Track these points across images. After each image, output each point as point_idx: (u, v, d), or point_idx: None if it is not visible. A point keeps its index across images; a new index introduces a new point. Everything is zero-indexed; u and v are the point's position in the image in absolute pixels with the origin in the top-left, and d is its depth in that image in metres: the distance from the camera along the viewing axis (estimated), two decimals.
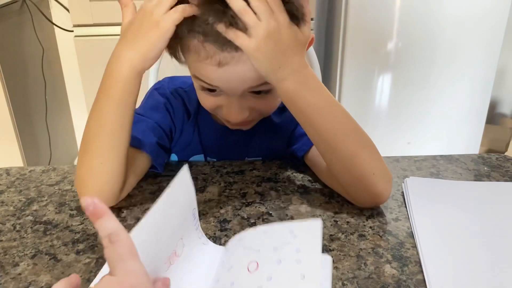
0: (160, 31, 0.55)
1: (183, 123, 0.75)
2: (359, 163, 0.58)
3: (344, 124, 0.59)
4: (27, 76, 1.76)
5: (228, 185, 0.68)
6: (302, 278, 0.41)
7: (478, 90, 1.71)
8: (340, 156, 0.59)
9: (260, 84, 0.60)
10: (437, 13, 1.56)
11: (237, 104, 0.62)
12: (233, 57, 0.56)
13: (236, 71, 0.58)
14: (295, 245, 0.44)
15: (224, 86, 0.61)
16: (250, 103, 0.63)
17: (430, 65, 1.63)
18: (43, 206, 0.64)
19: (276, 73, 0.57)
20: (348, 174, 0.60)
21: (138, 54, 0.57)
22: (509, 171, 0.72)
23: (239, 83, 0.60)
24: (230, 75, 0.58)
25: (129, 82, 0.58)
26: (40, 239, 0.57)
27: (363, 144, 0.60)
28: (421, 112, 1.70)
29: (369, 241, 0.56)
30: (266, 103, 0.65)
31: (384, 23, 1.58)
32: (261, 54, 0.55)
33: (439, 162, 0.75)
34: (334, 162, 0.61)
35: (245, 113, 0.64)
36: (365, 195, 0.60)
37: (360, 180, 0.59)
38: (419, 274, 0.50)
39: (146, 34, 0.56)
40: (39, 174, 0.73)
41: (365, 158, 0.59)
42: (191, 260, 0.48)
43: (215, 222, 0.59)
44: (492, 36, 1.63)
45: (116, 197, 0.62)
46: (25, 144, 1.67)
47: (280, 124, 0.75)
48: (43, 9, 1.82)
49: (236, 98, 0.62)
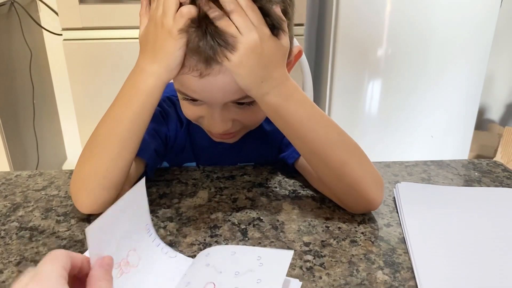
0: (175, 40, 0.54)
1: (176, 131, 0.75)
2: (349, 171, 0.58)
3: (330, 133, 0.59)
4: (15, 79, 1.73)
5: (218, 190, 0.68)
6: None
7: (467, 96, 1.73)
8: (330, 166, 0.59)
9: (242, 97, 0.59)
10: (426, 20, 1.57)
11: (219, 115, 0.61)
12: (213, 69, 0.55)
13: (217, 82, 0.57)
14: (258, 274, 0.45)
15: (205, 97, 0.60)
16: (232, 114, 0.62)
17: (419, 71, 1.64)
18: (29, 212, 0.62)
19: (259, 88, 0.56)
20: (339, 182, 0.59)
21: (161, 67, 0.56)
22: (499, 176, 0.73)
23: (221, 94, 0.59)
24: (212, 86, 0.57)
25: (154, 93, 0.58)
26: (26, 245, 0.55)
27: (352, 152, 0.60)
28: (410, 117, 1.71)
29: (361, 247, 0.55)
30: (249, 115, 0.64)
31: (374, 30, 1.59)
32: (243, 70, 0.54)
33: (430, 167, 0.75)
34: (323, 172, 0.60)
35: (227, 124, 0.63)
36: (358, 202, 0.60)
37: (351, 187, 0.59)
38: (411, 280, 0.50)
39: (164, 47, 0.55)
40: (25, 179, 0.71)
41: (355, 165, 0.59)
42: (151, 272, 0.48)
43: (205, 227, 0.58)
44: (480, 43, 1.65)
45: (111, 201, 0.61)
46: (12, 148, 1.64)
47: (271, 131, 0.75)
48: (31, 12, 1.80)
49: (218, 109, 0.61)
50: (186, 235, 0.57)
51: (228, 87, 0.57)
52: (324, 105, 1.75)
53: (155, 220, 0.60)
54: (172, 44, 0.54)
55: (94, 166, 0.59)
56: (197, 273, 0.48)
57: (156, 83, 0.57)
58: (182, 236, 0.57)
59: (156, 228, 0.58)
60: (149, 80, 0.57)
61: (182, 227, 0.58)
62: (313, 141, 0.58)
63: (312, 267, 0.52)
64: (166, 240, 0.56)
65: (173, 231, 0.58)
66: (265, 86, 0.56)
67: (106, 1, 1.53)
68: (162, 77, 0.57)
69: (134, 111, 0.58)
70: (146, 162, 0.67)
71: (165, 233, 0.57)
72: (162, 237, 0.57)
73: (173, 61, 0.55)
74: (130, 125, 0.58)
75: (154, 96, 0.58)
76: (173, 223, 0.59)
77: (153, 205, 0.63)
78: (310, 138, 0.58)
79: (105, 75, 1.56)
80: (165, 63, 0.56)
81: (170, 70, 0.56)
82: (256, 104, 0.61)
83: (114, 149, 0.59)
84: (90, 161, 0.60)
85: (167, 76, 0.57)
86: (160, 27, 0.55)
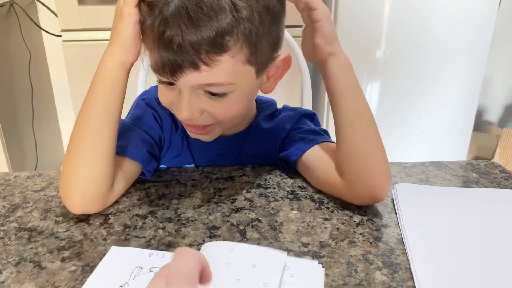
0: (124, 18, 0.57)
1: (171, 134, 0.74)
2: (379, 148, 0.62)
3: (372, 114, 0.65)
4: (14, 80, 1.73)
5: (217, 191, 0.68)
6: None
7: (465, 98, 1.73)
8: (367, 136, 0.63)
9: (208, 84, 0.57)
10: (425, 21, 1.58)
11: (187, 100, 0.59)
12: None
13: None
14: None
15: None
16: (202, 103, 0.59)
17: (418, 73, 1.64)
18: (28, 213, 0.62)
19: (334, 44, 0.63)
20: (363, 160, 0.61)
21: (117, 46, 0.59)
22: (497, 177, 0.73)
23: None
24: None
25: (114, 75, 0.60)
26: (24, 246, 0.55)
27: (380, 136, 0.64)
28: (408, 119, 1.71)
29: (359, 247, 0.55)
30: (220, 108, 0.60)
31: (372, 31, 1.59)
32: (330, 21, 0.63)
33: (428, 168, 0.75)
34: (356, 145, 0.62)
35: (194, 112, 0.60)
36: (367, 186, 0.61)
37: (370, 167, 0.61)
38: (410, 280, 0.50)
39: (117, 27, 0.58)
40: (24, 179, 0.71)
41: (382, 148, 0.63)
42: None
43: (204, 228, 0.59)
44: (479, 45, 1.65)
45: (102, 201, 0.61)
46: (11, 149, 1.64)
47: (270, 130, 0.74)
48: (30, 14, 1.80)
49: (187, 93, 0.58)
50: (185, 236, 0.57)
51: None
52: (322, 107, 1.75)
53: (154, 221, 0.60)
54: (122, 22, 0.58)
55: (75, 160, 0.60)
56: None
57: (114, 64, 0.59)
58: (181, 237, 0.57)
59: (155, 229, 0.58)
60: (107, 62, 0.60)
61: (181, 228, 0.59)
62: (363, 105, 0.64)
63: None
64: (165, 240, 0.56)
65: (172, 232, 0.58)
66: (336, 46, 0.63)
67: (105, 2, 1.53)
68: (119, 57, 0.59)
69: (100, 96, 0.60)
70: (140, 164, 0.67)
71: (164, 234, 0.57)
72: (161, 238, 0.57)
73: (126, 39, 0.58)
74: (99, 111, 0.60)
75: (116, 78, 0.60)
76: (172, 224, 0.59)
77: (152, 206, 0.63)
78: (361, 101, 0.64)
79: None
80: (119, 42, 0.59)
81: (125, 50, 0.59)
82: (228, 97, 0.59)
83: (89, 139, 0.60)
84: (70, 156, 0.60)
85: (124, 57, 0.59)
86: (117, 11, 0.59)
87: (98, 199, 0.61)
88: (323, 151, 0.68)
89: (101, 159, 0.60)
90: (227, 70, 0.55)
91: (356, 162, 0.62)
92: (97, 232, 0.58)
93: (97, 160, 0.60)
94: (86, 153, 0.60)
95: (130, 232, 0.58)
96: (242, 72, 0.57)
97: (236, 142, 0.74)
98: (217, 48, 0.53)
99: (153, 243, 0.56)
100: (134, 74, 1.03)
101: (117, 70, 0.60)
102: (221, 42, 0.53)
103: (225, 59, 0.54)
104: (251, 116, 0.76)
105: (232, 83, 0.57)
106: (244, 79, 0.59)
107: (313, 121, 0.77)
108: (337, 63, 0.63)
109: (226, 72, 0.55)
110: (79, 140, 0.60)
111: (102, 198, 0.61)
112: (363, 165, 0.61)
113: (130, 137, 0.68)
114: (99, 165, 0.60)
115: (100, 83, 0.60)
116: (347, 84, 0.63)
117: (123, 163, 0.65)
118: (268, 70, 0.62)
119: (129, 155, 0.66)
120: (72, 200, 0.60)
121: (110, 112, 0.60)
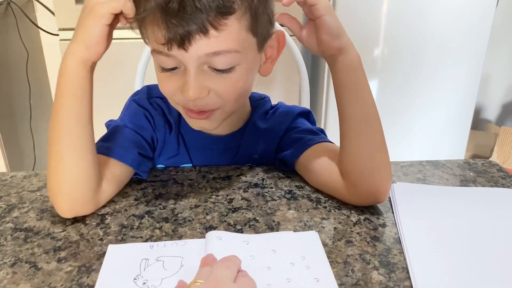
0: (94, 15, 0.55)
1: (165, 135, 0.74)
2: (383, 151, 0.62)
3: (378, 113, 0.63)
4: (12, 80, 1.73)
5: (214, 190, 0.67)
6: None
7: (463, 96, 1.73)
8: (373, 137, 0.62)
9: (216, 52, 0.56)
10: (423, 20, 1.57)
11: (194, 78, 0.58)
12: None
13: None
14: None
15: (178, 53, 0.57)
16: (208, 81, 0.59)
17: (416, 71, 1.64)
18: (24, 213, 0.62)
19: (342, 38, 0.61)
20: (369, 156, 0.61)
21: (78, 43, 0.57)
22: (494, 176, 0.73)
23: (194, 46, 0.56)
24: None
25: (77, 75, 0.58)
26: (20, 246, 0.55)
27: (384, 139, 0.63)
28: (407, 118, 1.71)
29: (356, 247, 0.55)
30: (227, 85, 0.60)
31: (370, 30, 1.59)
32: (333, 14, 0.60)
33: (425, 167, 0.75)
34: (363, 144, 0.62)
35: (202, 91, 0.59)
36: (369, 188, 0.61)
37: (375, 166, 0.61)
38: (407, 280, 0.50)
39: (84, 22, 0.56)
40: (20, 179, 0.71)
41: (386, 150, 0.63)
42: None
43: (201, 228, 0.58)
44: (476, 43, 1.65)
45: (90, 203, 0.61)
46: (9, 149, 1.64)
47: (267, 129, 0.74)
48: (28, 13, 1.80)
49: (193, 70, 0.58)
50: (181, 236, 0.57)
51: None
52: (320, 106, 1.75)
53: (151, 221, 0.60)
54: (90, 19, 0.55)
55: (54, 165, 0.59)
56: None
57: (75, 62, 0.57)
58: (178, 237, 0.57)
59: (151, 229, 0.58)
60: (68, 60, 0.58)
61: (178, 228, 0.58)
62: (370, 109, 0.62)
63: None
64: (161, 241, 0.56)
65: (168, 232, 0.58)
66: (344, 40, 0.61)
67: None
68: (81, 55, 0.57)
69: (66, 98, 0.58)
70: (130, 166, 0.67)
71: (161, 234, 0.57)
72: (158, 238, 0.56)
73: (90, 37, 0.56)
74: (68, 114, 0.58)
75: (79, 78, 0.58)
76: (169, 224, 0.59)
77: (149, 206, 0.63)
78: (370, 104, 0.62)
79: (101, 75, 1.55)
80: (82, 38, 0.56)
81: (87, 48, 0.57)
82: (233, 72, 0.59)
83: (63, 142, 0.58)
84: (50, 161, 0.59)
85: (86, 55, 0.57)
86: (86, 4, 0.56)
87: (86, 201, 0.60)
88: (321, 152, 0.67)
89: (79, 162, 0.59)
90: (233, 35, 0.56)
91: (360, 166, 0.61)
92: (93, 232, 0.58)
93: (76, 163, 0.59)
94: (63, 157, 0.58)
95: (127, 232, 0.58)
96: (246, 40, 0.58)
97: (233, 141, 0.74)
98: (225, 9, 0.54)
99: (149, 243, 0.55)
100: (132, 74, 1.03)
101: (79, 70, 0.57)
102: (228, 3, 0.54)
103: (232, 23, 0.55)
104: (246, 112, 0.75)
105: (238, 51, 0.57)
106: (248, 51, 0.59)
107: (309, 119, 0.77)
108: (346, 61, 0.61)
109: (232, 38, 0.56)
110: (54, 144, 0.59)
111: (90, 200, 0.61)
112: (367, 169, 0.61)
113: (120, 139, 0.67)
114: (79, 168, 0.59)
115: (64, 85, 0.58)
116: (355, 86, 0.62)
117: (112, 165, 0.65)
118: (266, 48, 0.64)
119: (117, 157, 0.65)
120: (60, 205, 0.59)
121: (79, 114, 0.58)
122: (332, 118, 1.73)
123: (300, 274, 0.50)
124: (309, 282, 0.49)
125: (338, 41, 0.60)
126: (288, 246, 0.55)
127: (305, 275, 0.50)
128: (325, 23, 0.59)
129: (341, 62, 0.61)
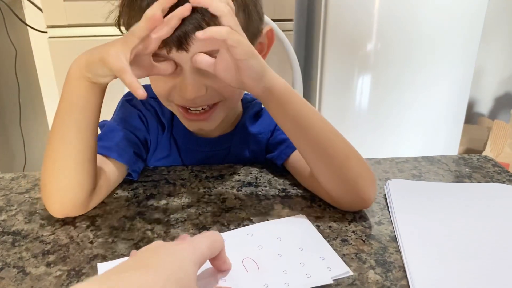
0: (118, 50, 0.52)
1: (157, 136, 0.73)
2: (351, 166, 0.58)
3: (331, 127, 0.59)
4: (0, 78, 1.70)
5: (207, 190, 0.66)
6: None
7: (456, 90, 1.73)
8: (333, 159, 0.58)
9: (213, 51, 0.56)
10: (415, 14, 1.57)
11: (191, 78, 0.58)
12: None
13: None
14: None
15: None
16: (205, 79, 0.59)
17: (409, 66, 1.63)
18: (12, 216, 0.61)
19: (266, 75, 0.56)
20: (338, 178, 0.58)
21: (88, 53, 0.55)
22: (490, 172, 0.72)
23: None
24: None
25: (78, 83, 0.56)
26: (8, 251, 0.54)
27: (351, 147, 0.59)
28: (400, 112, 1.71)
29: (352, 246, 0.54)
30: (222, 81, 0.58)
31: (363, 25, 1.58)
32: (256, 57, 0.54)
33: (420, 163, 0.75)
34: (324, 167, 0.59)
35: (200, 89, 0.59)
36: (353, 199, 0.59)
37: (349, 184, 0.58)
38: (403, 279, 0.49)
39: (109, 49, 0.52)
40: (8, 181, 0.69)
41: (355, 161, 0.59)
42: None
43: (193, 229, 0.57)
44: (469, 37, 1.65)
45: (84, 205, 0.60)
46: None
47: (257, 133, 0.74)
48: (15, 10, 1.77)
49: (189, 71, 0.58)
50: (174, 237, 0.56)
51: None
52: (314, 101, 1.74)
53: (142, 223, 0.59)
54: (117, 50, 0.52)
55: (50, 168, 0.58)
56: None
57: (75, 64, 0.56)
58: (170, 238, 0.56)
59: (143, 230, 0.57)
60: (73, 67, 0.57)
61: (170, 229, 0.57)
62: (317, 133, 0.58)
63: None
64: None
65: (160, 233, 0.56)
66: (268, 77, 0.56)
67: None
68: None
69: (62, 101, 0.57)
70: (125, 165, 0.66)
71: (153, 235, 0.56)
72: (150, 239, 0.55)
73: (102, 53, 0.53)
74: (62, 118, 0.58)
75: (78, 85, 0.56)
76: (161, 225, 0.58)
77: (140, 207, 0.62)
78: (315, 130, 0.58)
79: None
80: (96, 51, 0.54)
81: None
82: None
83: (58, 147, 0.58)
84: (46, 163, 0.59)
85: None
86: (128, 34, 0.53)
87: (79, 203, 0.59)
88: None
89: (77, 169, 0.58)
90: None
91: (333, 186, 0.59)
92: (83, 235, 0.56)
93: (73, 169, 0.58)
94: (58, 163, 0.58)
95: (118, 234, 0.56)
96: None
97: (223, 143, 0.74)
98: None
99: (141, 245, 0.54)
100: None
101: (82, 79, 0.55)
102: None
103: None
104: (237, 114, 0.75)
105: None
106: None
107: None
108: (275, 96, 0.57)
109: None
110: (54, 150, 0.58)
111: (82, 203, 0.60)
112: (342, 186, 0.58)
113: (115, 138, 0.66)
114: (75, 174, 0.58)
115: (65, 92, 0.57)
116: (295, 117, 0.58)
117: (108, 165, 0.64)
118: (256, 45, 0.63)
119: (115, 156, 0.64)
120: (52, 206, 0.59)
121: (72, 120, 0.57)
122: (326, 113, 1.72)
123: (311, 257, 0.51)
124: (319, 263, 0.51)
125: (262, 83, 0.56)
126: (291, 232, 0.56)
127: (315, 257, 0.51)
128: (247, 66, 0.54)
129: (273, 101, 0.58)
